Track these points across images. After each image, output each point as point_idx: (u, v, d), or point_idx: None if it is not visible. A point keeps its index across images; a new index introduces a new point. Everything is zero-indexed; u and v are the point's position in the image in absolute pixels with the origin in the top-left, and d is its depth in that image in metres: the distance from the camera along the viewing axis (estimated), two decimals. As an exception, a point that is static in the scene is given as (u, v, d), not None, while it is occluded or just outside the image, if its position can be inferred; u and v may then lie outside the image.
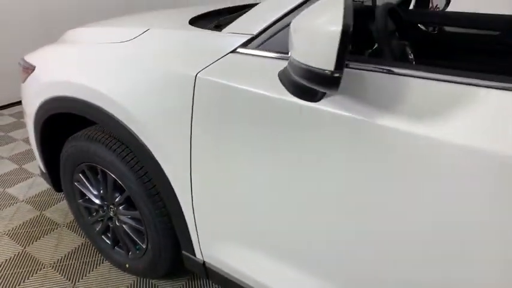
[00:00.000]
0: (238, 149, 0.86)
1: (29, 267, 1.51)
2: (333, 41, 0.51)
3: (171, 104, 0.93)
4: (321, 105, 0.71)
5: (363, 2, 1.27)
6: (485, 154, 0.57)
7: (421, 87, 0.66)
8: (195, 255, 1.14)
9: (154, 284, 1.44)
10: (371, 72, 0.70)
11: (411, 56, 1.16)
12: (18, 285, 1.42)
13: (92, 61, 1.15)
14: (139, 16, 1.41)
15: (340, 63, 0.52)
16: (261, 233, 0.95)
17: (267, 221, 0.92)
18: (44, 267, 1.51)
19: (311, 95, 0.68)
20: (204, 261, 1.13)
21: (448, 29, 1.88)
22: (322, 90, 0.59)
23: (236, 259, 1.05)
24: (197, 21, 1.13)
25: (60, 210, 1.86)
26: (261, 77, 0.78)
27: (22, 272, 1.48)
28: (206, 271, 1.15)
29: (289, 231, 0.89)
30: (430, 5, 2.02)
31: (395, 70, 0.68)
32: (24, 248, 1.61)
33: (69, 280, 1.45)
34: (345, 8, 0.50)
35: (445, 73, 0.65)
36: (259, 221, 0.93)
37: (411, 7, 2.01)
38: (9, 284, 1.42)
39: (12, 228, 1.73)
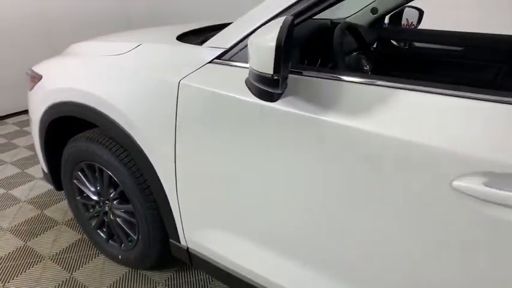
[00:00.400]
0: (214, 144, 1.02)
1: (30, 259, 1.64)
2: (271, 53, 0.68)
3: (159, 107, 1.09)
4: (278, 105, 0.87)
5: (331, 20, 1.45)
6: (399, 142, 0.73)
7: (358, 91, 0.82)
8: (180, 242, 1.29)
9: (144, 275, 1.57)
10: (320, 79, 0.87)
11: (366, 67, 1.33)
12: (20, 275, 1.55)
13: (93, 71, 1.31)
14: (134, 32, 1.58)
15: (277, 69, 0.69)
16: (238, 220, 1.10)
17: (242, 209, 1.07)
18: (43, 259, 1.64)
19: (269, 96, 0.84)
20: (187, 247, 1.27)
21: (417, 44, 2.06)
22: (270, 90, 0.75)
23: (216, 244, 1.19)
24: (184, 37, 1.30)
25: (60, 209, 2.00)
26: (231, 83, 0.94)
27: (23, 263, 1.61)
28: (190, 256, 1.29)
29: (261, 218, 1.03)
30: (404, 22, 2.21)
31: (342, 77, 0.84)
32: (26, 242, 1.74)
33: (66, 270, 1.58)
34: (280, 30, 0.67)
35: (377, 79, 0.81)
36: (236, 209, 1.08)
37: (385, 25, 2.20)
38: (12, 274, 1.55)
39: (15, 225, 1.86)
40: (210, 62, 1.01)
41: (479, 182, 0.67)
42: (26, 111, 3.24)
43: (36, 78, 1.54)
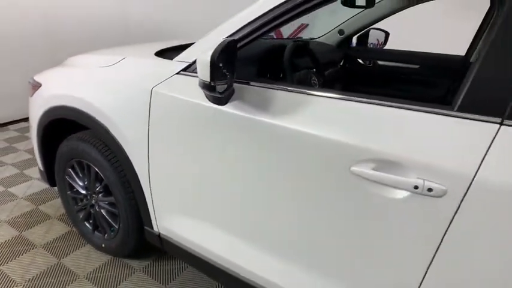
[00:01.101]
0: (179, 142, 1.23)
1: (23, 247, 1.83)
2: (208, 65, 0.89)
3: (136, 110, 1.30)
4: (226, 108, 1.08)
5: (294, 40, 1.67)
6: (313, 137, 0.94)
7: (288, 97, 1.03)
8: (153, 229, 1.48)
9: (125, 262, 1.75)
10: (263, 88, 1.08)
11: (315, 81, 1.54)
12: (14, 259, 1.74)
13: (84, 80, 1.54)
14: (121, 48, 1.81)
15: (212, 77, 0.90)
16: (200, 207, 1.29)
17: (203, 198, 1.26)
18: (35, 247, 1.83)
19: (219, 101, 1.05)
20: (159, 233, 1.46)
21: (381, 62, 2.29)
22: (212, 94, 0.96)
23: (182, 229, 1.38)
24: (162, 53, 1.53)
25: (53, 205, 2.19)
26: (192, 90, 1.15)
27: (18, 250, 1.80)
28: (161, 241, 1.47)
29: (219, 205, 1.23)
30: (375, 42, 2.44)
31: (278, 87, 1.06)
32: (21, 232, 1.93)
33: (55, 257, 1.76)
34: (215, 49, 0.89)
35: (302, 89, 1.02)
36: (198, 198, 1.28)
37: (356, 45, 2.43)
38: (7, 259, 1.74)
39: (12, 217, 2.05)
40: (177, 73, 1.23)
41: (369, 168, 0.87)
42: (26, 119, 3.46)
43: (36, 86, 1.76)
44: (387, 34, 2.38)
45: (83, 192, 1.75)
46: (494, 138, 0.76)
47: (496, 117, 0.77)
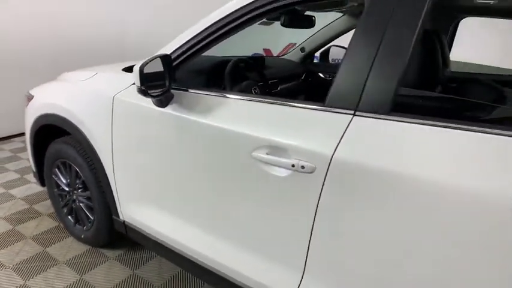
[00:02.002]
0: (135, 140, 1.48)
1: (15, 238, 2.08)
2: (138, 74, 1.16)
3: (103, 115, 1.57)
4: (167, 110, 1.33)
5: (242, 58, 1.94)
6: (227, 131, 1.18)
7: (216, 101, 1.27)
8: (119, 217, 1.71)
9: (101, 252, 1.99)
10: (199, 94, 1.33)
11: (256, 91, 1.79)
12: (6, 248, 1.99)
13: (67, 91, 1.82)
14: (98, 66, 2.10)
15: (142, 82, 1.16)
16: (155, 196, 1.53)
17: (157, 188, 1.50)
18: (25, 239, 2.08)
19: (160, 104, 1.31)
20: (124, 221, 1.70)
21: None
22: (147, 98, 1.22)
23: (142, 216, 1.61)
24: (129, 69, 1.80)
25: (45, 205, 2.46)
26: (144, 97, 1.41)
27: (10, 240, 2.06)
28: (125, 228, 1.71)
29: (165, 192, 1.47)
30: (334, 57, 2.68)
31: (210, 93, 1.30)
32: (14, 227, 2.20)
33: (42, 246, 2.01)
34: (146, 60, 1.16)
35: (228, 94, 1.27)
36: (153, 188, 1.51)
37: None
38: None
39: (8, 214, 2.33)
40: (133, 84, 1.50)
41: (264, 152, 1.10)
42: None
43: (30, 98, 2.06)
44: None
45: (66, 189, 2.01)
46: (348, 125, 0.99)
47: (350, 110, 1.00)
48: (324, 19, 2.42)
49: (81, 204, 1.96)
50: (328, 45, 2.56)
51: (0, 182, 2.79)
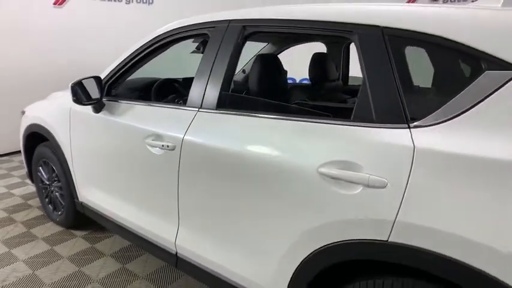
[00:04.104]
0: (83, 138, 2.05)
1: (8, 222, 2.66)
2: (70, 89, 1.74)
3: (64, 122, 2.15)
4: (101, 115, 1.90)
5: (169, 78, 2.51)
6: (132, 125, 1.72)
7: (136, 108, 1.83)
8: (78, 199, 2.26)
9: (70, 232, 2.53)
10: (125, 104, 1.88)
11: (180, 103, 2.33)
12: (1, 229, 2.57)
13: (47, 106, 2.44)
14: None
15: (73, 95, 1.74)
16: (100, 181, 2.07)
17: (100, 173, 2.05)
18: (15, 223, 2.66)
19: (95, 110, 1.88)
20: (81, 202, 2.25)
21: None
22: (80, 105, 1.80)
23: (93, 197, 2.15)
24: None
25: (37, 201, 3.05)
26: (89, 106, 1.99)
27: (3, 224, 2.64)
28: (83, 207, 2.25)
29: (106, 178, 2.01)
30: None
31: (131, 103, 1.86)
32: (9, 215, 2.79)
33: (27, 228, 2.58)
34: (77, 80, 1.73)
35: (145, 103, 1.82)
36: (98, 174, 2.06)
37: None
38: (-5, 228, 2.58)
39: (6, 207, 2.93)
40: (84, 98, 2.09)
41: (151, 139, 1.63)
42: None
43: (23, 113, 2.70)
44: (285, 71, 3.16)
45: (47, 182, 2.60)
46: (194, 117, 1.51)
47: (196, 108, 1.52)
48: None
49: (56, 193, 2.53)
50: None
51: (5, 184, 3.43)
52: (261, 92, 1.75)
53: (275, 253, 1.27)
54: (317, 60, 2.29)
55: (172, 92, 2.33)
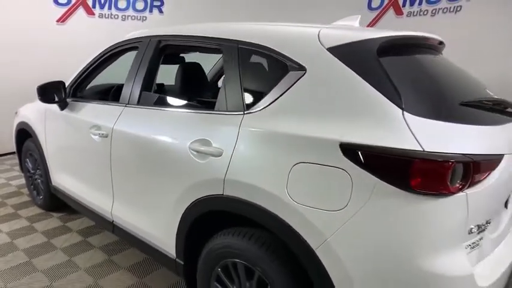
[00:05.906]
0: (54, 131, 2.52)
1: (7, 211, 3.16)
2: (36, 90, 2.21)
3: (41, 119, 2.64)
4: (64, 112, 2.36)
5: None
6: (80, 119, 2.18)
7: (93, 106, 2.28)
8: (52, 183, 2.73)
9: (50, 214, 3.00)
10: (84, 103, 2.34)
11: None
12: (-8, 209, 3.07)
13: (31, 107, 2.94)
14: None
15: (38, 95, 2.21)
16: (65, 166, 2.53)
17: (65, 161, 2.51)
18: (5, 206, 3.16)
19: (60, 108, 2.36)
20: (54, 185, 2.71)
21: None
22: (48, 104, 2.27)
23: (62, 181, 2.60)
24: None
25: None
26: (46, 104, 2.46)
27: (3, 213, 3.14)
28: (55, 189, 2.71)
29: (69, 163, 2.46)
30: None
31: (91, 101, 2.32)
32: (3, 200, 3.29)
33: (15, 210, 3.07)
34: (43, 83, 2.21)
35: (101, 102, 2.27)
36: (64, 161, 2.52)
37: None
38: (-11, 209, 3.08)
39: (3, 194, 3.44)
40: (55, 99, 2.56)
41: (94, 129, 2.07)
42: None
43: (16, 112, 3.22)
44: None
45: (32, 171, 3.09)
46: (122, 111, 1.94)
47: (123, 104, 1.96)
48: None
49: (38, 180, 3.01)
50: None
51: (6, 176, 3.98)
52: (179, 91, 2.17)
53: (166, 209, 1.66)
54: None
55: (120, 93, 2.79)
